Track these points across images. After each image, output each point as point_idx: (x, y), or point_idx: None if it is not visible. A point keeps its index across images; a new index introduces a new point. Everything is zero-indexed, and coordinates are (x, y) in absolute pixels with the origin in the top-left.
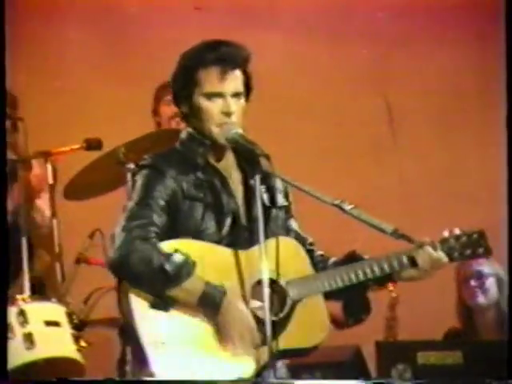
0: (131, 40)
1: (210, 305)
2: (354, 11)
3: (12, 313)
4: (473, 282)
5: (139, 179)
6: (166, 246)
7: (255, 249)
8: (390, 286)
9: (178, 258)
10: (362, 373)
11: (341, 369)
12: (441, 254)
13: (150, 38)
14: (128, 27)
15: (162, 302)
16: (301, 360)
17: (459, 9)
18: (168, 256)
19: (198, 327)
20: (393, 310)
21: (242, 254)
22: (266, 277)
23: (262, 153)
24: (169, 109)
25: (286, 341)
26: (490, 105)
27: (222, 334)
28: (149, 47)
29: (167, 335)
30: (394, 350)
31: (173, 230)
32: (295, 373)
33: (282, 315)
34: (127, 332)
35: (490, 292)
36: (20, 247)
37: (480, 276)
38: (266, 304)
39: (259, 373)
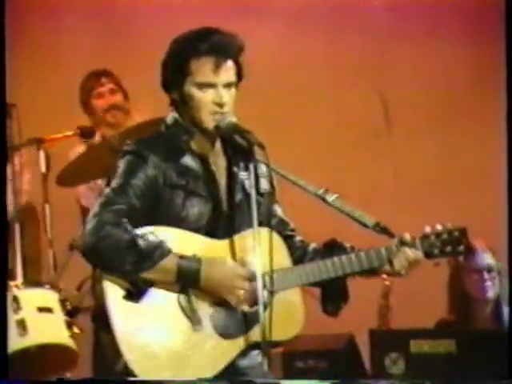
0: (124, 28)
1: (189, 276)
2: (349, 2)
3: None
4: (485, 275)
5: (121, 165)
6: (141, 231)
7: (232, 239)
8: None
9: (151, 237)
10: (356, 361)
11: (334, 357)
12: (418, 255)
13: (142, 27)
14: (121, 15)
15: (135, 290)
16: (295, 347)
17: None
18: (141, 235)
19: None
20: (386, 298)
21: (219, 243)
22: (258, 269)
23: (257, 141)
24: (101, 102)
25: (259, 333)
26: (487, 98)
27: (217, 299)
28: (140, 35)
29: (141, 324)
30: (387, 338)
31: (152, 218)
32: (289, 360)
33: (256, 307)
34: (100, 319)
35: (496, 286)
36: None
37: (490, 269)
38: (260, 298)
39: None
